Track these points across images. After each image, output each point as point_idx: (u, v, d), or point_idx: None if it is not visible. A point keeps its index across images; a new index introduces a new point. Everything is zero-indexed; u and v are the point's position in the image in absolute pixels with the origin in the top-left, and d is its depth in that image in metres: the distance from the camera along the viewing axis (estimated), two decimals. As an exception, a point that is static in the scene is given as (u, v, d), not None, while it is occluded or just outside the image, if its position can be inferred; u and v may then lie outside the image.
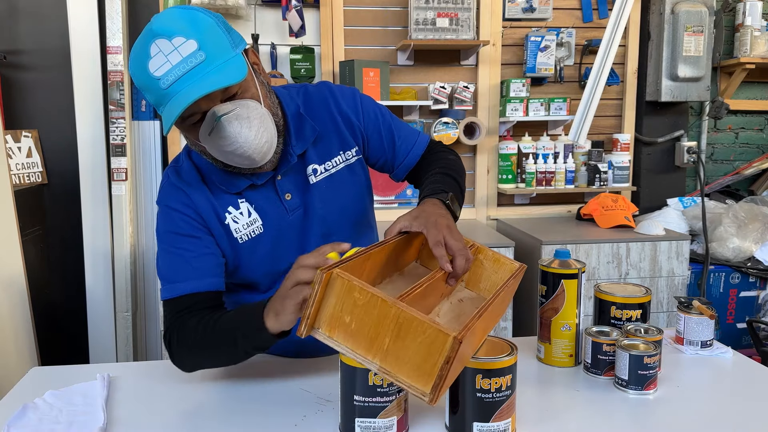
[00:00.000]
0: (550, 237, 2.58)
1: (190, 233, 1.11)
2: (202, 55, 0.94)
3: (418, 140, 1.26)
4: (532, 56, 2.91)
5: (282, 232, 1.15)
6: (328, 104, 1.19)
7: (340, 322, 0.80)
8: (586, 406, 1.01)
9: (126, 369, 1.20)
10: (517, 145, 2.98)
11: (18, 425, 0.95)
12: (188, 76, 0.93)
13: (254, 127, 1.01)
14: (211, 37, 0.96)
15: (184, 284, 1.08)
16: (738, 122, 3.36)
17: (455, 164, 1.22)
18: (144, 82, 0.96)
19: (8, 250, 2.27)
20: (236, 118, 0.99)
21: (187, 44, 0.94)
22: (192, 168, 1.14)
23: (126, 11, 2.70)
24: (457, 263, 0.93)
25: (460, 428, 0.89)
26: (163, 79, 0.94)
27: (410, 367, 0.76)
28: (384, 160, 1.26)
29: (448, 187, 1.11)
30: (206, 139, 1.01)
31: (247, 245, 1.13)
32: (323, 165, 1.17)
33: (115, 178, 2.68)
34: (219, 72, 0.95)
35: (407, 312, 0.76)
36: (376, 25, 2.89)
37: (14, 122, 2.75)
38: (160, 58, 0.93)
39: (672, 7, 2.92)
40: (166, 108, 0.96)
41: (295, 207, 1.15)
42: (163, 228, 1.12)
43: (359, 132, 1.21)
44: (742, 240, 2.79)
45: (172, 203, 1.12)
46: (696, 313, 1.22)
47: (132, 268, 2.75)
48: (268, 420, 0.97)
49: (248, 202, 1.13)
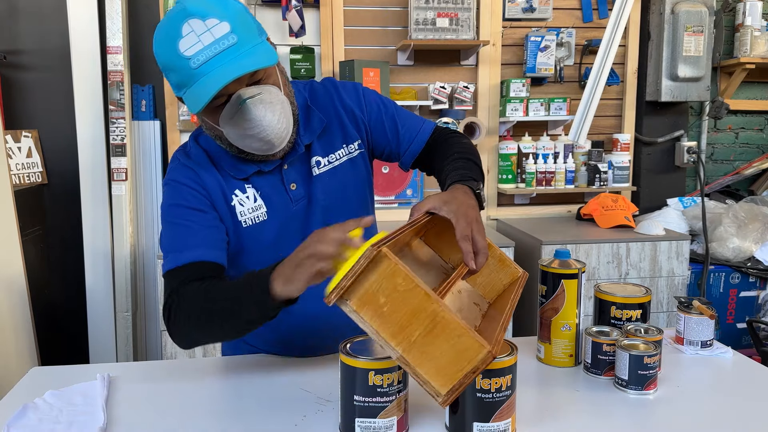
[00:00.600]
0: (550, 237, 2.58)
1: (197, 207, 1.11)
2: (234, 38, 0.95)
3: (423, 127, 1.25)
4: (532, 56, 2.91)
5: (286, 222, 1.16)
6: (332, 98, 1.21)
7: (373, 301, 0.78)
8: (586, 406, 1.01)
9: (126, 369, 1.20)
10: (517, 145, 2.98)
11: (18, 425, 0.95)
12: (219, 57, 0.94)
13: (276, 112, 1.03)
14: (243, 21, 0.98)
15: (189, 252, 1.07)
16: (738, 122, 3.36)
17: (472, 148, 1.21)
18: (170, 61, 0.97)
19: (8, 250, 2.27)
20: (261, 102, 1.01)
21: (221, 26, 0.95)
22: (201, 151, 1.16)
23: (126, 11, 2.70)
24: (479, 261, 0.93)
25: (460, 428, 0.89)
26: (193, 59, 0.94)
27: (433, 365, 0.77)
28: (389, 148, 1.26)
29: (474, 174, 1.09)
30: (227, 122, 1.02)
31: (250, 230, 1.14)
32: (326, 158, 1.18)
33: (115, 178, 2.68)
34: (250, 55, 0.97)
35: (447, 312, 0.76)
36: (376, 25, 2.89)
37: (14, 122, 2.75)
38: (192, 38, 0.94)
39: (672, 7, 2.92)
40: (193, 88, 0.96)
41: (299, 197, 1.16)
42: (170, 201, 1.12)
43: (363, 124, 1.22)
44: (742, 240, 2.79)
45: (181, 179, 1.12)
46: (696, 313, 1.22)
47: (132, 268, 2.75)
48: (268, 420, 0.97)
49: (255, 188, 1.15)
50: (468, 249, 0.91)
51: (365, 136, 1.24)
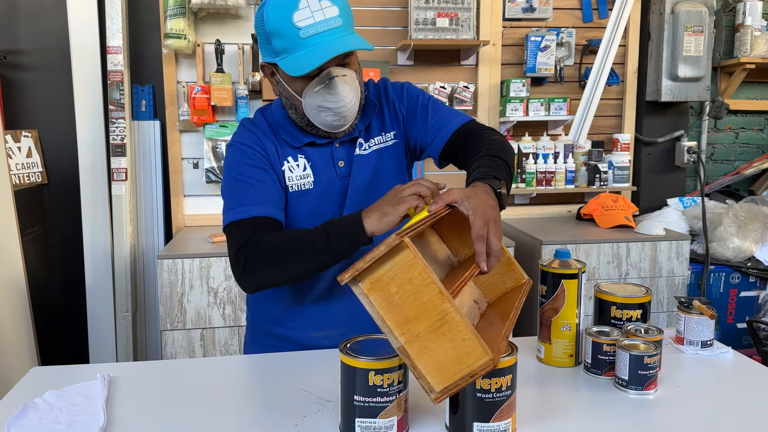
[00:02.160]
0: (550, 237, 2.58)
1: (261, 166, 1.22)
2: (339, 21, 1.10)
3: (453, 119, 1.28)
4: (532, 56, 2.91)
5: (328, 195, 1.25)
6: (379, 92, 1.33)
7: (384, 288, 0.80)
8: (586, 406, 1.01)
9: (126, 369, 1.20)
10: (518, 145, 2.98)
11: (18, 425, 0.95)
12: (326, 33, 1.09)
13: (354, 93, 1.18)
14: (347, 11, 1.14)
15: (256, 207, 1.17)
16: (738, 122, 3.36)
17: (502, 144, 1.22)
18: (281, 28, 1.10)
19: (8, 250, 2.27)
20: (346, 82, 1.15)
21: (332, 9, 1.10)
22: (263, 121, 1.28)
23: (126, 11, 2.70)
24: (490, 263, 0.93)
25: (461, 428, 0.89)
26: (303, 30, 1.08)
27: (433, 361, 0.77)
28: (420, 139, 1.31)
29: (499, 172, 1.10)
30: (312, 93, 1.15)
31: (295, 195, 1.24)
32: (367, 142, 1.29)
33: (115, 178, 2.68)
34: (352, 38, 1.12)
35: (457, 314, 0.76)
36: (376, 25, 2.89)
37: (14, 122, 2.75)
38: (306, 12, 1.09)
39: (672, 7, 2.92)
40: (297, 55, 1.10)
41: (344, 175, 1.26)
42: (235, 160, 1.22)
43: (401, 114, 1.31)
44: (742, 240, 2.79)
45: (246, 141, 1.24)
46: (696, 313, 1.22)
47: (132, 268, 2.75)
48: (268, 420, 0.97)
49: (305, 158, 1.25)
50: (481, 250, 0.92)
51: (402, 128, 1.32)
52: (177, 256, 2.35)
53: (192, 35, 2.65)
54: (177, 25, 2.56)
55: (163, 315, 2.39)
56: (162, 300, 2.39)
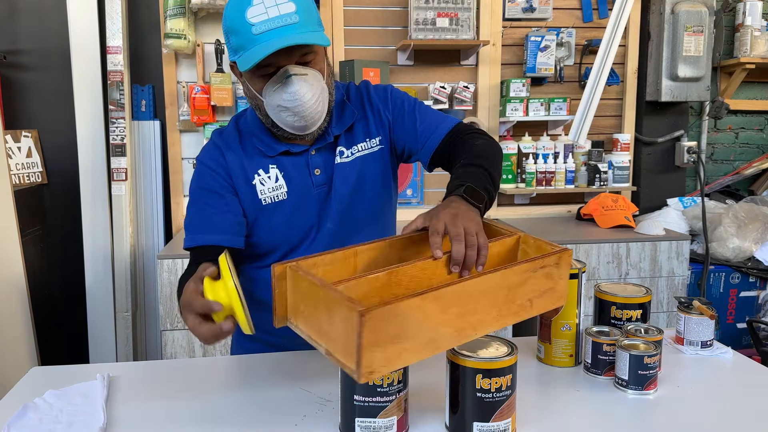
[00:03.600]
0: (550, 237, 2.56)
1: (216, 190, 1.21)
2: (296, 18, 1.06)
3: (442, 124, 1.25)
4: (532, 56, 2.91)
5: (303, 203, 1.22)
6: (361, 96, 1.29)
7: (298, 310, 0.87)
8: (586, 406, 1.01)
9: (126, 369, 1.20)
10: (517, 145, 2.98)
11: (18, 425, 0.95)
12: (279, 30, 1.05)
13: (315, 94, 1.12)
14: (307, 7, 1.09)
15: (203, 236, 1.18)
16: (738, 122, 3.36)
17: (483, 149, 1.17)
18: (236, 25, 1.07)
19: (8, 250, 2.28)
20: (304, 80, 1.10)
21: (287, 5, 1.06)
22: (234, 131, 1.26)
23: (126, 11, 2.70)
24: (453, 249, 0.90)
25: (460, 428, 0.89)
26: (256, 26, 1.05)
27: (340, 345, 0.79)
28: (408, 145, 1.28)
29: (468, 179, 1.08)
30: (271, 92, 1.12)
31: (269, 207, 1.22)
32: (350, 149, 1.25)
33: (115, 178, 2.68)
34: (307, 34, 1.08)
35: (328, 291, 0.79)
36: (376, 25, 2.89)
37: (14, 122, 2.75)
38: (260, 8, 1.06)
39: (672, 7, 2.92)
40: (249, 52, 1.06)
41: (321, 183, 1.23)
42: (194, 183, 1.24)
43: (386, 120, 1.28)
44: (742, 240, 2.79)
45: (206, 160, 1.23)
46: (696, 313, 1.22)
47: (132, 268, 2.75)
48: (268, 420, 0.97)
49: (278, 169, 1.22)
50: (433, 240, 0.92)
51: (388, 133, 1.28)
52: (177, 256, 2.35)
53: (192, 35, 2.65)
54: (177, 25, 2.56)
55: (163, 315, 2.39)
56: (162, 300, 2.39)
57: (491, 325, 0.89)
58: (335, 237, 1.23)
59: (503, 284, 0.88)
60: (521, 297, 0.91)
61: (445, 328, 0.84)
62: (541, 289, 0.93)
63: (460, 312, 0.84)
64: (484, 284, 0.86)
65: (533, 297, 0.93)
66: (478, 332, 0.88)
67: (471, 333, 0.87)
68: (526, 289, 0.91)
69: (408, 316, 0.78)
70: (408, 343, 0.80)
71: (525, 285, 0.90)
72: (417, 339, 0.81)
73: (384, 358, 0.78)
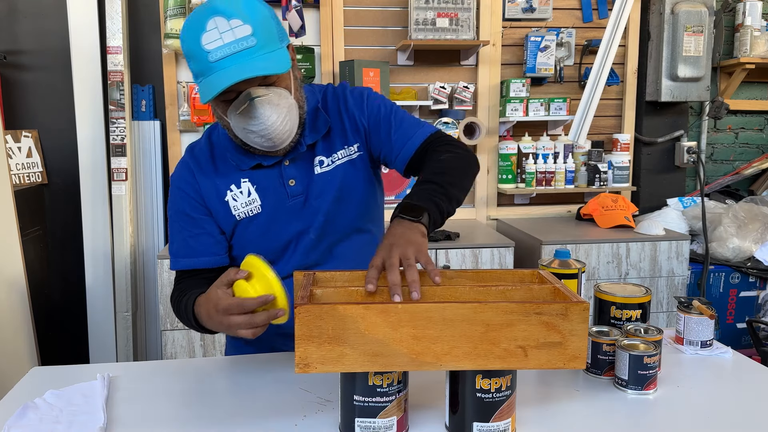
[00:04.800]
0: (550, 237, 2.58)
1: (188, 213, 1.21)
2: (253, 41, 1.01)
3: (417, 132, 1.22)
4: (532, 56, 2.91)
5: (278, 215, 1.20)
6: (338, 102, 1.25)
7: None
8: (586, 406, 1.01)
9: (126, 369, 1.20)
10: (517, 145, 2.98)
11: (18, 425, 0.95)
12: (236, 56, 1.01)
13: (282, 114, 1.09)
14: (264, 26, 1.04)
15: (182, 260, 1.22)
16: (738, 122, 3.36)
17: (447, 164, 1.14)
18: (192, 51, 1.03)
19: (8, 250, 2.28)
20: (268, 103, 1.07)
21: (243, 28, 1.01)
22: (206, 146, 1.24)
23: (126, 11, 2.70)
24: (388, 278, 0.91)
25: (460, 428, 0.89)
26: (212, 53, 1.01)
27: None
28: (384, 153, 1.25)
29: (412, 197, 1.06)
30: (235, 116, 1.09)
31: (243, 222, 1.21)
32: (329, 158, 1.22)
33: (115, 178, 2.68)
34: (265, 60, 1.03)
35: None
36: (376, 25, 2.89)
37: (14, 122, 2.75)
38: (214, 33, 1.01)
39: (672, 7, 2.92)
40: (207, 80, 1.03)
41: (296, 193, 1.20)
42: (170, 204, 1.24)
43: (362, 126, 1.24)
44: (742, 240, 2.79)
45: (178, 182, 1.23)
46: (696, 313, 1.22)
47: (132, 268, 2.75)
48: (268, 420, 0.97)
49: (251, 183, 1.20)
50: (369, 274, 0.93)
51: (364, 139, 1.24)
52: (177, 256, 2.34)
53: (192, 35, 2.64)
54: (177, 25, 2.56)
55: (163, 315, 2.39)
56: (162, 300, 2.39)
57: (462, 362, 0.84)
58: (317, 248, 1.22)
59: (477, 319, 0.83)
60: (508, 341, 0.84)
61: (399, 346, 0.84)
62: (538, 339, 0.84)
63: (417, 335, 0.83)
64: (448, 312, 0.83)
65: (527, 346, 0.84)
66: (442, 364, 0.84)
67: (432, 362, 0.84)
68: (514, 334, 0.84)
69: (348, 320, 0.82)
70: (348, 348, 0.83)
71: (512, 328, 0.84)
72: (360, 347, 0.83)
73: (320, 354, 0.83)
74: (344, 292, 0.94)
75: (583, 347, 0.85)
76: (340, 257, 1.24)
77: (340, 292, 0.94)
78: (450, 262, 2.50)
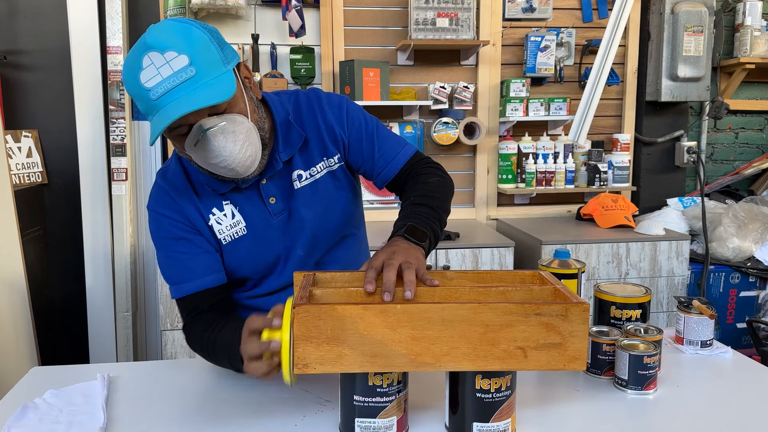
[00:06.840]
0: (550, 237, 2.58)
1: (181, 236, 1.15)
2: (192, 71, 0.96)
3: (399, 154, 1.23)
4: (532, 56, 2.91)
5: (264, 235, 1.17)
6: (314, 112, 1.20)
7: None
8: (586, 406, 1.02)
9: (126, 369, 1.20)
10: (517, 145, 2.98)
11: (18, 425, 0.95)
12: (177, 90, 0.95)
13: (239, 141, 1.02)
14: (203, 53, 0.97)
15: (187, 285, 1.14)
16: (738, 122, 3.36)
17: (435, 188, 1.17)
18: (134, 91, 0.98)
19: (8, 250, 2.27)
20: (222, 132, 1.00)
21: (179, 59, 0.95)
22: (179, 169, 1.18)
23: (126, 11, 2.70)
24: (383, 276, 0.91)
25: (460, 428, 0.89)
26: (152, 91, 0.95)
27: None
28: (364, 168, 1.25)
29: (413, 218, 1.07)
30: (192, 149, 1.03)
31: (229, 246, 1.17)
32: (308, 171, 1.19)
33: (115, 178, 2.68)
34: (208, 88, 0.96)
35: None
36: (376, 25, 2.89)
37: (14, 122, 2.75)
38: (151, 70, 0.95)
39: (672, 7, 2.92)
40: (153, 118, 0.97)
41: (278, 211, 1.17)
42: (156, 234, 1.17)
43: (341, 140, 1.21)
44: (742, 240, 2.79)
45: (160, 208, 1.16)
46: (696, 313, 1.22)
47: (132, 268, 2.75)
48: (268, 420, 0.97)
49: (232, 204, 1.16)
50: (367, 275, 0.93)
51: (343, 151, 1.23)
52: (177, 256, 2.34)
53: (192, 35, 2.65)
54: (177, 25, 2.56)
55: (163, 315, 2.39)
56: (162, 300, 2.39)
57: (462, 363, 0.84)
58: (306, 263, 1.21)
59: (476, 319, 0.83)
60: (507, 342, 0.84)
61: (398, 347, 0.84)
62: (538, 340, 0.84)
63: (416, 335, 0.83)
64: (447, 312, 0.83)
65: (527, 347, 0.84)
66: (441, 365, 0.84)
67: (432, 362, 0.84)
68: (514, 335, 0.84)
69: (347, 321, 0.82)
70: (346, 349, 0.83)
71: (511, 329, 0.83)
72: (359, 347, 0.83)
73: (319, 355, 0.83)
74: (344, 293, 0.94)
75: (584, 348, 0.85)
76: (332, 263, 1.24)
77: (339, 292, 0.94)
78: (450, 262, 2.50)
